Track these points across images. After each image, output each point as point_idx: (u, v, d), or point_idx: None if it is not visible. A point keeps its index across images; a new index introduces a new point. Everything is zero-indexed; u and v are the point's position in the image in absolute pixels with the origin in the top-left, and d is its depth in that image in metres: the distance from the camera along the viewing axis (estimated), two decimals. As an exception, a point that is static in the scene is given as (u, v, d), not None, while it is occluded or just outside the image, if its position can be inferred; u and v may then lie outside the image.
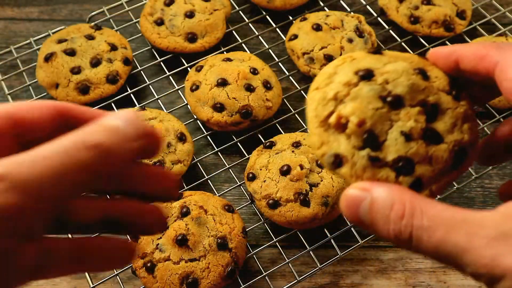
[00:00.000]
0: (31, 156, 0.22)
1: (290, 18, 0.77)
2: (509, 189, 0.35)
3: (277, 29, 0.76)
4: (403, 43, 0.74)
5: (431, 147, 0.30)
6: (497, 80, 0.29)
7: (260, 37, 0.75)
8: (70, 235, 0.39)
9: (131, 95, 0.69)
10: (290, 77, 0.71)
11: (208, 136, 0.66)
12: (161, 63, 0.72)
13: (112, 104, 0.67)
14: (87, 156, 0.23)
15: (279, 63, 0.72)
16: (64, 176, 0.22)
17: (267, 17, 0.77)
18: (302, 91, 0.69)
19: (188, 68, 0.70)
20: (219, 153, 0.64)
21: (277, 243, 0.57)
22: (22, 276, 0.24)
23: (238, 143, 0.64)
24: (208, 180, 0.62)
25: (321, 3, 0.78)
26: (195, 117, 0.66)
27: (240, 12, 0.78)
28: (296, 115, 0.67)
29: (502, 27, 0.76)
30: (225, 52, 0.72)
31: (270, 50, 0.73)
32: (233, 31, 0.76)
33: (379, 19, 0.77)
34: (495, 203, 0.61)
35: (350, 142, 0.30)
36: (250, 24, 0.76)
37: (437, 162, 0.30)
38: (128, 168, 0.29)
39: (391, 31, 0.76)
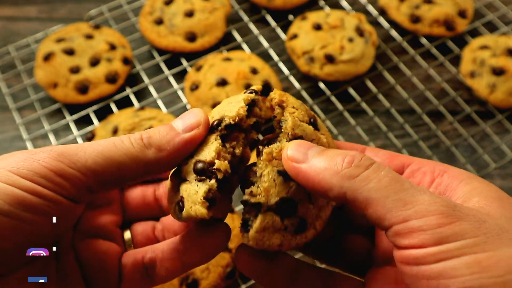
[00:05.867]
0: (87, 144, 0.28)
1: (290, 17, 0.76)
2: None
3: (277, 29, 0.76)
4: (404, 43, 0.74)
5: None
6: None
7: (260, 36, 0.75)
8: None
9: (131, 94, 0.68)
10: (290, 77, 0.70)
11: (207, 136, 0.65)
12: (161, 62, 0.72)
13: (111, 104, 0.67)
14: (129, 146, 0.28)
15: (279, 63, 0.71)
16: (107, 158, 0.27)
17: (267, 16, 0.77)
18: (302, 91, 0.69)
19: (188, 68, 0.70)
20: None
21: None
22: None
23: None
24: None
25: (322, 2, 0.78)
26: (195, 117, 0.66)
27: (240, 11, 0.78)
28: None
29: (505, 25, 0.76)
30: (225, 52, 0.72)
31: (270, 49, 0.73)
32: (233, 31, 0.75)
33: (380, 18, 0.77)
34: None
35: (189, 184, 0.29)
36: (250, 24, 0.76)
37: (316, 198, 0.29)
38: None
39: (391, 30, 0.75)
